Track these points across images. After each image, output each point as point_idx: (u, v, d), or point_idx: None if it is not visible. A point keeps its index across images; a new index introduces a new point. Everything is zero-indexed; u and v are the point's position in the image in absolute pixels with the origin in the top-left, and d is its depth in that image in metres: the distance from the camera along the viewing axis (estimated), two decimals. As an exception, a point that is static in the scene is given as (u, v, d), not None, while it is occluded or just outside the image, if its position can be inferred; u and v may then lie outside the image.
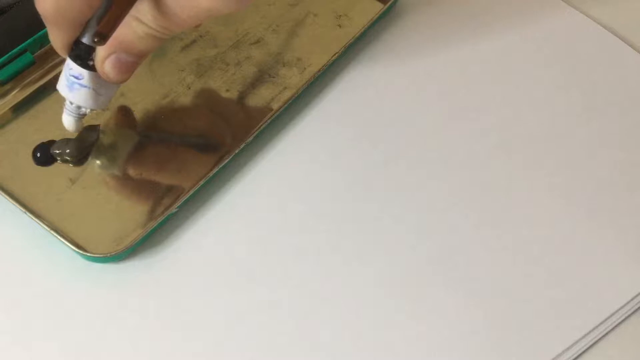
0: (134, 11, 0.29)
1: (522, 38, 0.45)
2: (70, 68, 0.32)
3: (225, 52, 0.41)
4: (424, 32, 0.44)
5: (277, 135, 0.39)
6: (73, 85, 0.32)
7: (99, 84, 0.32)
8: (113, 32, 0.29)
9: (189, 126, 0.38)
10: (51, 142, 0.36)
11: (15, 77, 0.38)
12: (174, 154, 0.37)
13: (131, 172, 0.36)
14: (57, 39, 0.31)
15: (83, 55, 0.31)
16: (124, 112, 0.38)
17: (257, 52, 0.41)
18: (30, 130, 0.37)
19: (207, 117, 0.39)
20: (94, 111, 0.34)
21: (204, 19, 0.29)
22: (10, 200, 0.34)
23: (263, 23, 0.43)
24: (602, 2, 0.47)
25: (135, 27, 0.30)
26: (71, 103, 0.33)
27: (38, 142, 0.36)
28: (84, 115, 0.34)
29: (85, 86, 0.32)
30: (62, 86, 0.32)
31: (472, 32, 0.45)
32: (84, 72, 0.31)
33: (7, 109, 0.38)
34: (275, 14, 0.43)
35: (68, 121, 0.34)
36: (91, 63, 0.31)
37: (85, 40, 0.31)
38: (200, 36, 0.42)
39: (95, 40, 0.28)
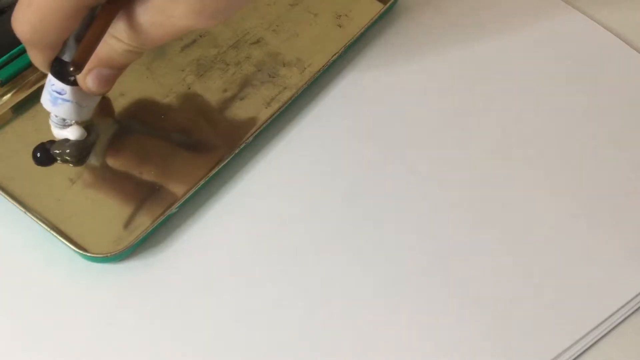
0: (111, 30, 0.29)
1: (522, 38, 0.45)
2: (53, 84, 0.32)
3: (225, 52, 0.41)
4: (424, 32, 0.44)
5: (277, 135, 0.39)
6: (56, 100, 0.32)
7: (81, 96, 0.33)
8: (88, 59, 0.29)
9: (188, 126, 0.38)
10: (51, 142, 0.36)
11: (15, 77, 0.38)
12: (174, 155, 0.37)
13: (131, 172, 0.36)
14: (37, 58, 0.31)
15: (64, 72, 0.31)
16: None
17: (257, 52, 0.41)
18: (30, 130, 0.37)
19: (206, 117, 0.39)
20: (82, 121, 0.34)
21: (179, 36, 0.30)
22: (10, 200, 0.34)
23: (263, 23, 0.43)
24: (602, 2, 0.47)
25: (113, 44, 0.30)
26: (56, 116, 0.33)
27: (38, 142, 0.36)
28: (69, 126, 0.34)
29: (68, 100, 0.32)
30: (45, 101, 0.33)
31: (472, 32, 0.45)
32: (66, 88, 0.32)
33: (7, 109, 0.38)
34: (275, 14, 0.43)
35: (56, 132, 0.35)
36: (72, 78, 0.32)
37: (65, 58, 0.31)
38: (200, 36, 0.42)
39: (71, 69, 0.29)
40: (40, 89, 0.38)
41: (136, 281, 0.34)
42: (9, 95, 0.38)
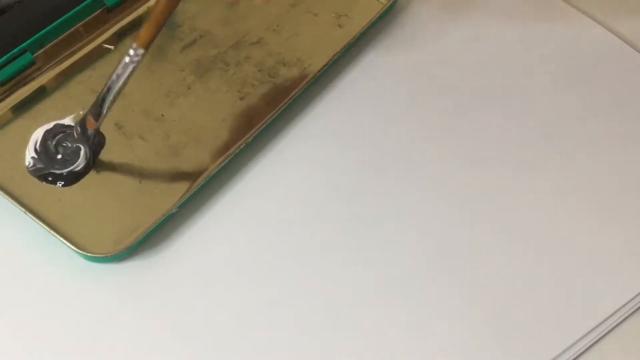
0: None
1: (522, 38, 0.45)
2: None
3: (225, 52, 0.41)
4: (423, 32, 0.44)
5: (277, 135, 0.39)
6: None
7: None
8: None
9: (188, 126, 0.38)
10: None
11: (15, 77, 0.38)
12: (173, 155, 0.37)
13: (131, 172, 0.36)
14: None
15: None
16: None
17: (257, 52, 0.41)
18: (30, 131, 0.37)
19: (207, 117, 0.39)
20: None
21: None
22: (10, 200, 0.34)
23: (263, 23, 0.43)
24: (602, 2, 0.47)
25: None
26: None
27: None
28: None
29: None
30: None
31: (472, 31, 0.45)
32: None
33: (7, 109, 0.38)
34: (275, 14, 0.43)
35: None
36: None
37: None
38: (200, 36, 0.42)
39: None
40: (41, 89, 0.38)
41: (136, 281, 0.34)
42: (9, 95, 0.38)
